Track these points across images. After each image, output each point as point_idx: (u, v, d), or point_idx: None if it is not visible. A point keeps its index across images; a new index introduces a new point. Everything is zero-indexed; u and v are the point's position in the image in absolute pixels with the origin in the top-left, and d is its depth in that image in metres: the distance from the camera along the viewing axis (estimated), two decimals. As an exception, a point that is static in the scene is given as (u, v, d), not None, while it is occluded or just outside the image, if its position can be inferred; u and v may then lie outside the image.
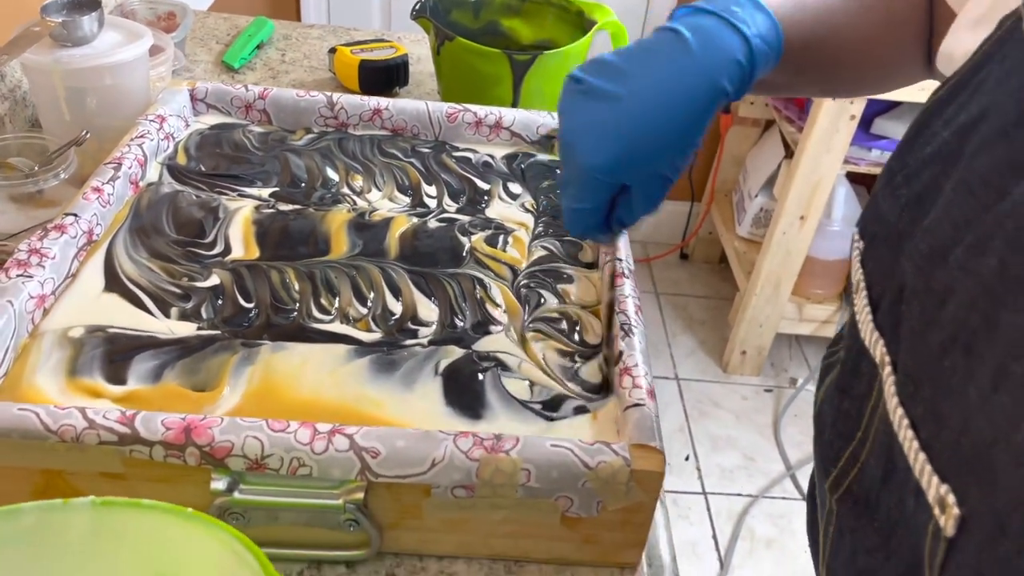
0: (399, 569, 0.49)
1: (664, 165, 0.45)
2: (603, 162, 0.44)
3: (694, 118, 0.44)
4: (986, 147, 0.33)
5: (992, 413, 0.30)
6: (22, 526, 0.36)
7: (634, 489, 0.46)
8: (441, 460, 0.45)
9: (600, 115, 0.44)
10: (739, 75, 0.44)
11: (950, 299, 0.33)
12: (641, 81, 0.43)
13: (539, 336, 0.57)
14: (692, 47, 0.43)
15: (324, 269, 0.60)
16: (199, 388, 0.51)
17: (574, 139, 0.45)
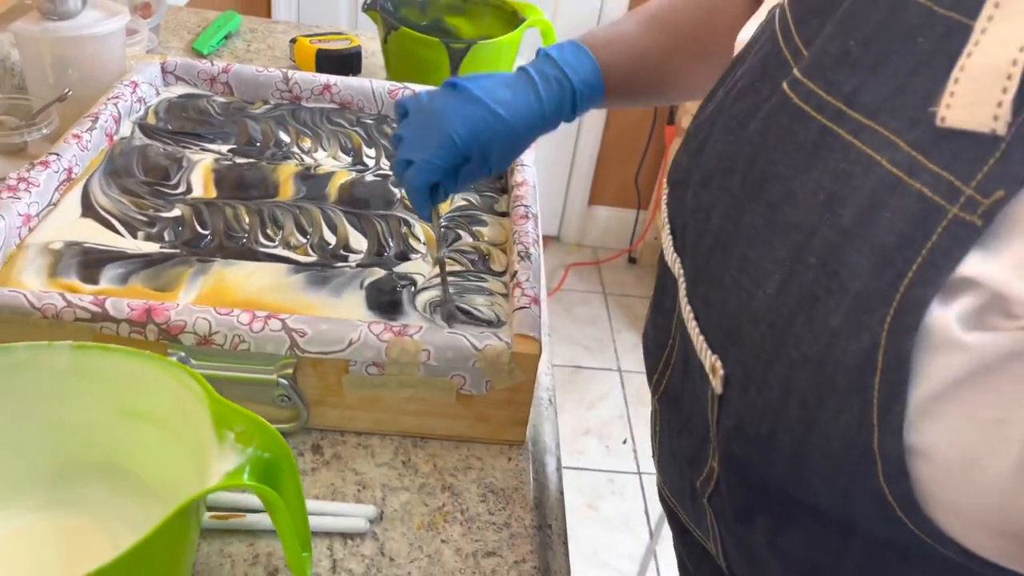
0: (323, 441, 0.59)
1: (493, 160, 0.61)
2: (463, 133, 0.59)
3: (529, 130, 0.61)
4: (740, 96, 0.43)
5: (738, 291, 0.38)
6: (15, 360, 0.46)
7: (515, 370, 0.57)
8: (357, 340, 0.55)
9: (484, 116, 0.60)
10: (568, 106, 0.62)
11: (713, 213, 0.42)
12: (516, 112, 0.60)
13: (451, 262, 0.68)
14: (537, 86, 0.61)
15: (272, 208, 0.71)
16: (159, 291, 0.61)
17: (447, 115, 0.59)
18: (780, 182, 0.37)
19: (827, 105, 0.36)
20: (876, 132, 0.34)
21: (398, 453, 0.59)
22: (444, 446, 0.60)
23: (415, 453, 0.59)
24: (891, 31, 0.34)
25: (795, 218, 0.36)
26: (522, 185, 0.76)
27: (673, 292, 0.48)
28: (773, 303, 0.36)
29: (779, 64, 0.41)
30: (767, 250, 0.37)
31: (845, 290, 0.34)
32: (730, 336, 0.39)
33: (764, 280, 0.37)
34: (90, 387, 0.47)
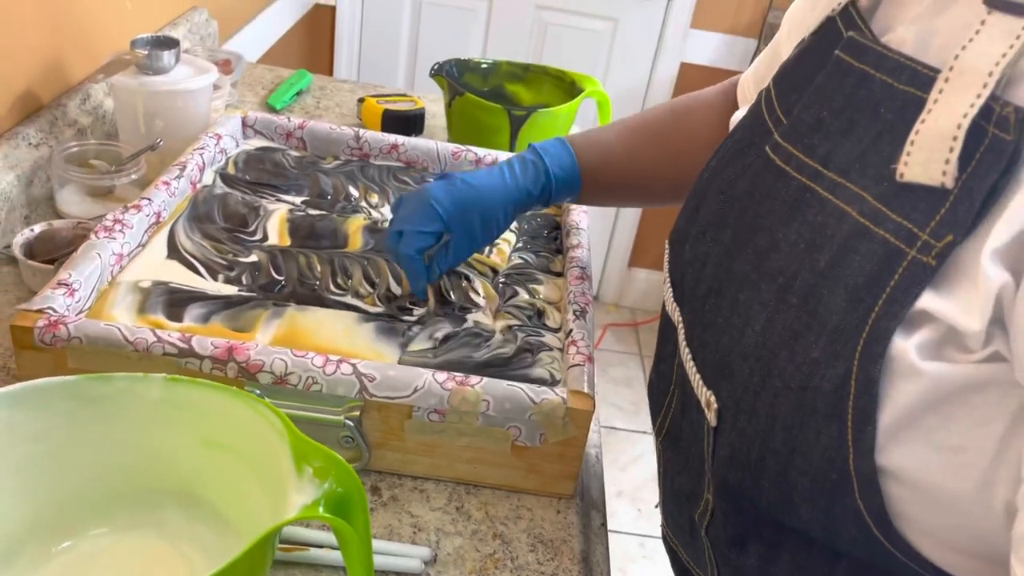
0: (382, 483, 0.62)
1: (478, 233, 0.69)
2: (445, 201, 0.67)
3: (504, 211, 0.69)
4: (730, 161, 0.50)
5: (730, 330, 0.44)
6: (113, 388, 0.50)
7: (569, 424, 0.59)
8: (422, 387, 0.58)
9: (459, 187, 0.68)
10: (541, 187, 0.70)
11: (707, 263, 0.48)
12: (486, 183, 0.69)
13: (509, 316, 0.71)
14: (516, 172, 0.70)
15: (342, 258, 0.75)
16: (238, 331, 0.65)
17: (430, 190, 0.68)
18: (766, 233, 0.43)
19: (805, 166, 0.42)
20: (847, 188, 0.40)
21: (452, 499, 0.61)
22: (496, 495, 0.62)
23: (468, 500, 0.61)
24: (858, 103, 0.41)
25: (779, 264, 0.42)
26: (577, 247, 0.79)
27: (674, 339, 0.52)
28: (760, 339, 0.41)
29: (763, 132, 0.48)
30: (755, 292, 0.42)
31: (823, 325, 0.39)
32: (723, 372, 0.44)
33: (752, 319, 0.42)
34: (178, 417, 0.51)
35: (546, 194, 0.71)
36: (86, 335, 0.57)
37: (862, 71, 0.41)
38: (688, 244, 0.51)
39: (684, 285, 0.51)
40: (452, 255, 0.69)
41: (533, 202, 0.71)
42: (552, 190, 0.70)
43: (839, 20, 0.46)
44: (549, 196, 0.71)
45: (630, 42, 2.12)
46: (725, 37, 2.08)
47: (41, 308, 0.59)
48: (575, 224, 0.83)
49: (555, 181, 0.70)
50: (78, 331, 0.57)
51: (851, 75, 0.42)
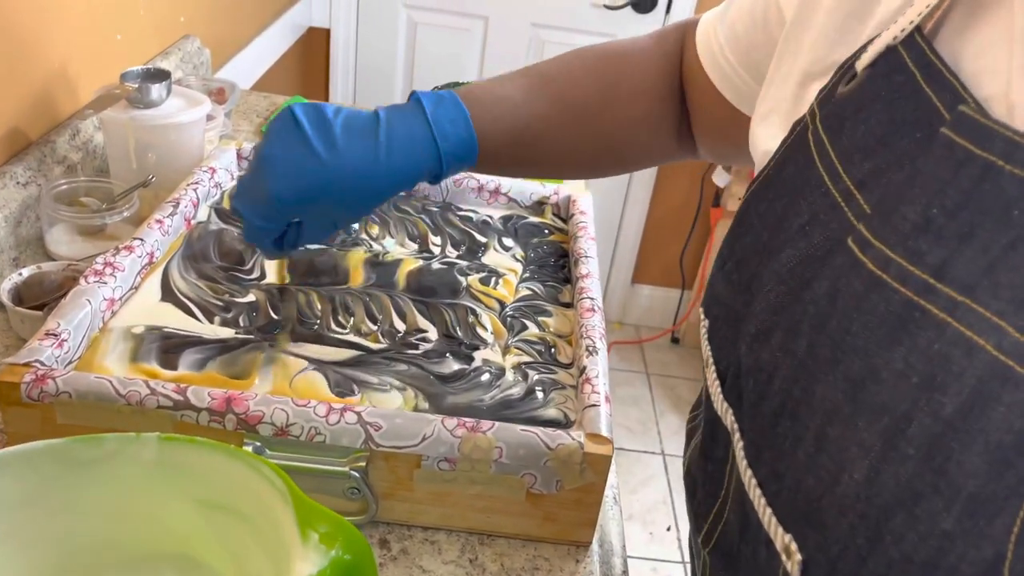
0: (390, 536, 0.59)
1: (339, 218, 0.57)
2: (288, 198, 0.53)
3: (371, 198, 0.56)
4: (790, 242, 0.40)
5: (817, 471, 0.35)
6: (104, 451, 0.47)
7: (587, 470, 0.56)
8: (431, 435, 0.55)
9: (303, 163, 0.52)
10: (428, 170, 0.56)
11: (776, 375, 0.38)
12: (346, 159, 0.53)
13: (519, 351, 0.68)
14: (394, 151, 0.53)
15: (343, 294, 0.72)
16: (235, 378, 0.62)
17: (271, 167, 0.53)
18: (859, 356, 0.34)
19: (911, 277, 0.33)
20: (974, 311, 0.31)
21: (465, 551, 0.58)
22: (511, 544, 0.59)
23: (482, 551, 0.58)
24: (981, 201, 0.32)
25: (882, 399, 0.33)
26: (587, 277, 0.76)
27: (725, 442, 0.44)
28: (864, 492, 0.33)
29: (831, 208, 0.38)
30: (850, 430, 0.34)
31: (956, 489, 0.30)
32: (808, 519, 0.36)
33: (850, 464, 0.34)
34: (174, 479, 0.48)
35: (431, 177, 0.57)
36: (75, 389, 0.54)
37: (985, 161, 0.32)
38: (743, 340, 0.42)
39: (741, 389, 0.42)
40: (308, 240, 0.60)
41: (414, 184, 0.57)
42: (441, 172, 0.57)
43: (905, 53, 0.37)
44: (437, 178, 0.58)
45: (627, 58, 2.10)
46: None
47: (28, 361, 0.56)
48: (583, 252, 0.80)
49: (445, 163, 0.56)
50: (67, 385, 0.54)
51: (969, 165, 0.32)
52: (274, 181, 0.53)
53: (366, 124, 0.53)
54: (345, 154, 0.52)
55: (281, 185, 0.53)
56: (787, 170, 0.43)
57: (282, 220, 0.56)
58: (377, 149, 0.53)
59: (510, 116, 0.58)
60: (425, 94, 0.56)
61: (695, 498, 0.50)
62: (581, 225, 0.86)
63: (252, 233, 0.58)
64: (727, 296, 0.45)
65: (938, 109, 0.35)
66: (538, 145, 0.60)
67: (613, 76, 0.61)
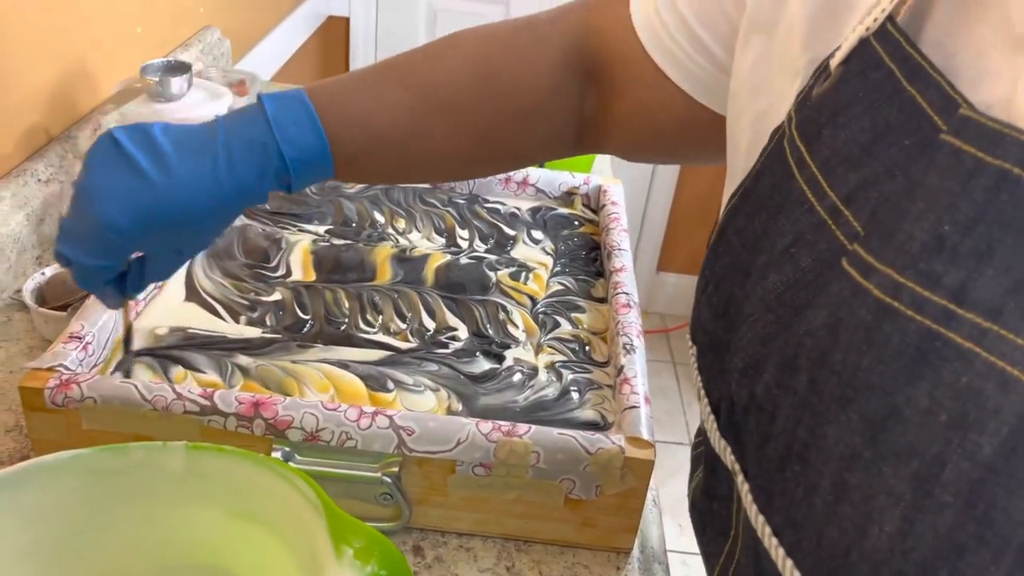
0: (424, 542, 0.57)
1: (184, 246, 0.51)
2: (124, 226, 0.46)
3: (217, 218, 0.49)
4: (774, 266, 0.35)
5: (840, 522, 0.32)
6: (131, 460, 0.45)
7: (628, 475, 0.54)
8: (465, 440, 0.53)
9: (132, 186, 0.46)
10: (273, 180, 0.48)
11: (777, 414, 0.34)
12: (179, 178, 0.46)
13: (552, 350, 0.66)
14: (234, 162, 0.47)
15: (370, 292, 0.70)
16: (263, 383, 0.60)
17: (97, 195, 0.46)
18: (875, 394, 0.31)
19: (927, 303, 0.30)
20: (1003, 339, 0.28)
21: (501, 558, 0.56)
22: (549, 551, 0.57)
23: (519, 558, 0.56)
24: (998, 213, 0.29)
25: (908, 440, 0.30)
26: (621, 271, 0.74)
27: (728, 481, 0.41)
28: (898, 546, 0.30)
29: (816, 227, 0.34)
30: (875, 477, 0.31)
31: (1005, 540, 0.28)
32: (834, 574, 0.33)
33: (878, 515, 0.30)
34: (202, 489, 0.46)
35: (281, 186, 0.49)
36: (100, 395, 0.53)
37: (999, 170, 0.29)
38: (730, 373, 0.38)
39: (738, 427, 0.38)
40: (154, 276, 0.53)
41: (264, 196, 0.50)
42: (290, 182, 0.49)
43: (879, 47, 0.33)
44: (288, 187, 0.49)
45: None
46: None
47: (52, 366, 0.54)
48: (616, 245, 0.78)
49: (293, 172, 0.48)
50: (92, 390, 0.53)
51: (981, 174, 0.29)
52: (103, 211, 0.46)
53: (201, 137, 0.47)
54: (178, 173, 0.46)
55: (111, 213, 0.46)
56: (763, 182, 0.38)
57: (119, 255, 0.49)
58: (215, 163, 0.46)
59: (368, 115, 0.50)
60: (269, 95, 0.48)
61: (704, 535, 0.47)
62: (613, 216, 0.83)
63: (85, 277, 0.50)
64: (709, 322, 0.41)
65: (925, 112, 0.31)
66: (405, 147, 0.52)
67: (496, 64, 0.52)
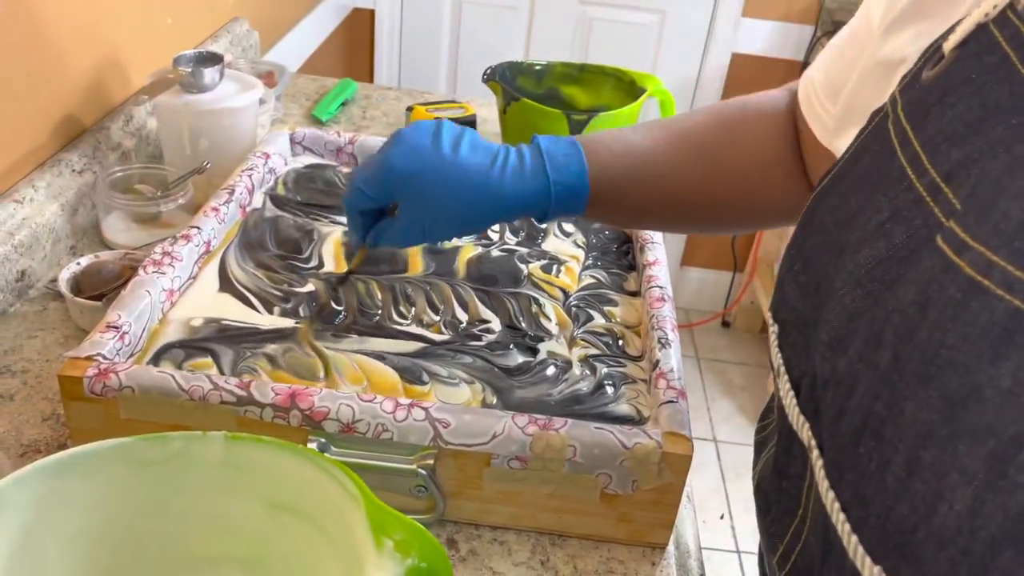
0: (458, 535, 0.57)
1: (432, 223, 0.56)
2: (399, 168, 0.55)
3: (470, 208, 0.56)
4: (867, 242, 0.36)
5: (911, 499, 0.32)
6: (170, 450, 0.45)
7: (665, 470, 0.53)
8: (501, 433, 0.53)
9: (423, 146, 0.55)
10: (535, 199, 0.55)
11: (856, 388, 0.35)
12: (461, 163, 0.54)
13: (585, 343, 0.66)
14: (506, 171, 0.55)
15: (403, 283, 0.70)
16: (299, 372, 0.60)
17: (395, 142, 0.55)
18: (957, 372, 0.31)
19: (1018, 283, 0.30)
20: None
21: (536, 551, 0.56)
22: (583, 546, 0.57)
23: (553, 552, 0.56)
24: None
25: (987, 420, 0.30)
26: (654, 264, 0.73)
27: (802, 458, 0.41)
28: (967, 525, 0.30)
29: (915, 203, 0.34)
30: (949, 454, 0.31)
31: None
32: (902, 551, 0.32)
33: (949, 492, 0.30)
34: (241, 479, 0.46)
35: (538, 211, 0.56)
36: (138, 384, 0.53)
37: None
38: (815, 348, 0.38)
39: (817, 401, 0.38)
40: (393, 236, 0.58)
41: (519, 214, 0.57)
42: (549, 205, 0.56)
43: (997, 32, 0.34)
44: (545, 213, 0.57)
45: (679, 34, 2.04)
46: (779, 25, 2.00)
47: (90, 355, 0.55)
48: (649, 238, 0.77)
49: (555, 194, 0.55)
50: (130, 380, 0.53)
51: None
52: (392, 151, 0.55)
53: (489, 147, 0.56)
54: (462, 159, 0.54)
55: (397, 156, 0.55)
56: (863, 162, 0.39)
57: (383, 193, 0.56)
58: (491, 167, 0.55)
59: (627, 154, 0.57)
60: (542, 137, 0.57)
61: (768, 516, 0.46)
62: (645, 209, 0.82)
63: (353, 198, 0.58)
64: (796, 300, 0.41)
65: None
66: (654, 184, 0.58)
67: (737, 119, 0.59)
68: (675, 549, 0.58)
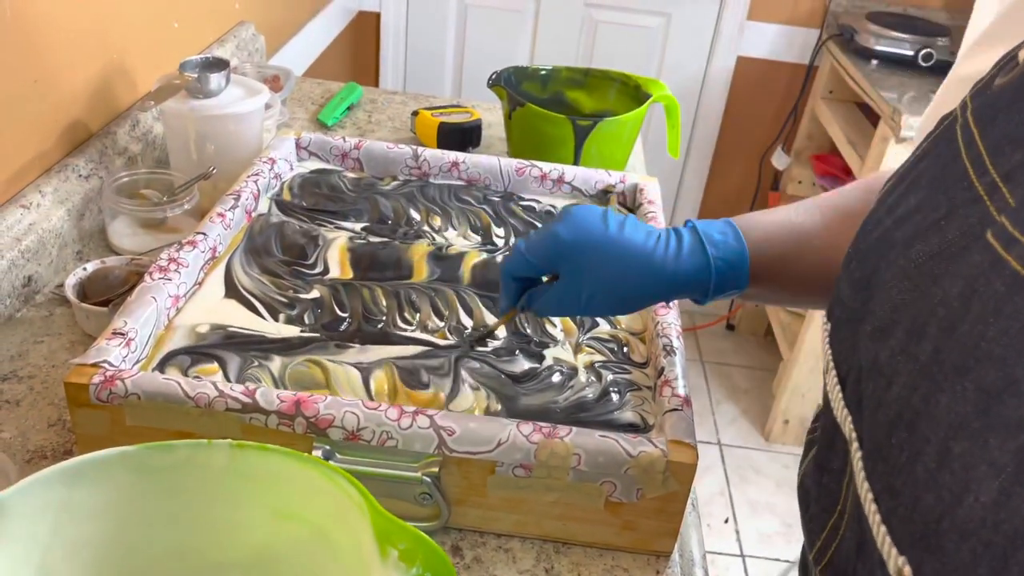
0: (462, 543, 0.57)
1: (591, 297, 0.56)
2: (564, 238, 0.56)
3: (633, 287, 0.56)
4: (920, 236, 0.37)
5: (938, 489, 0.32)
6: (176, 458, 0.45)
7: (670, 479, 0.53)
8: (506, 441, 0.53)
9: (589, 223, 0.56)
10: (696, 275, 0.55)
11: (895, 380, 0.35)
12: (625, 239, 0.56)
13: (590, 350, 0.66)
14: (669, 248, 0.56)
15: (407, 290, 0.70)
16: (305, 381, 0.60)
17: (563, 217, 0.57)
18: (995, 366, 0.31)
19: None
20: None
21: (540, 559, 0.56)
22: (588, 553, 0.57)
23: (558, 560, 0.56)
24: None
25: (1020, 414, 0.30)
26: (659, 271, 0.73)
27: (844, 452, 0.41)
28: (991, 517, 0.30)
29: (972, 202, 0.35)
30: (979, 447, 0.31)
31: None
32: (926, 542, 0.33)
33: (976, 484, 0.31)
34: (246, 487, 0.46)
35: (700, 287, 0.56)
36: (144, 391, 0.53)
37: None
38: (860, 340, 0.39)
39: (861, 395, 0.39)
40: (548, 302, 0.58)
41: (679, 293, 0.57)
42: (710, 283, 0.56)
43: None
44: (706, 291, 0.56)
45: (684, 37, 2.04)
46: (784, 28, 1.99)
47: (96, 362, 0.55)
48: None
49: (715, 271, 0.55)
50: (136, 387, 0.53)
51: None
52: (561, 224, 0.57)
53: (650, 229, 0.57)
54: (626, 236, 0.56)
55: (565, 228, 0.56)
56: (925, 162, 0.39)
57: (546, 262, 0.57)
58: (655, 246, 0.56)
59: (783, 228, 0.58)
60: (699, 224, 0.58)
61: (808, 512, 0.47)
62: (650, 215, 0.82)
63: (513, 264, 0.59)
64: (848, 295, 0.42)
65: None
66: (815, 258, 0.57)
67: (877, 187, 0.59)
68: (679, 557, 0.58)
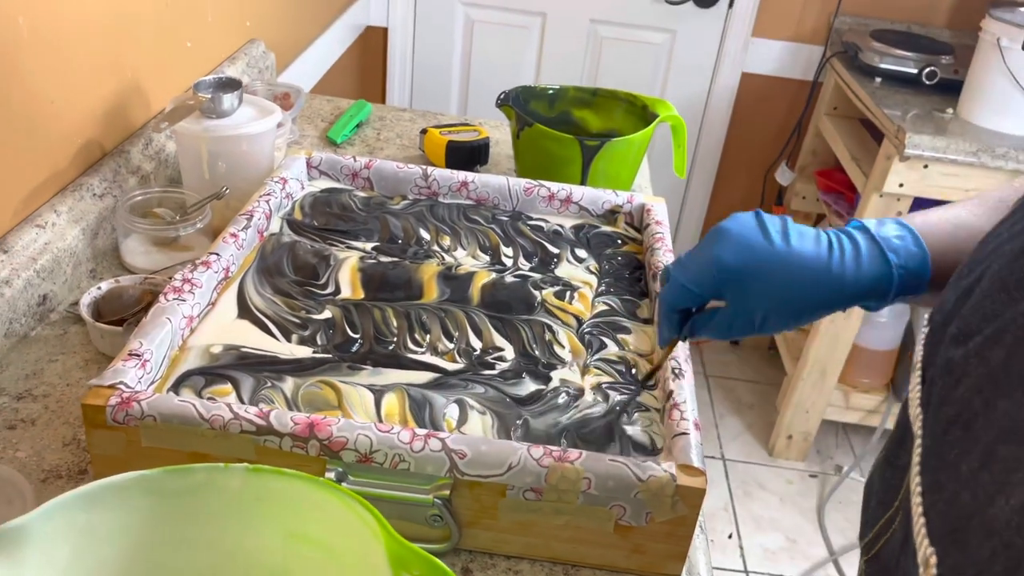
0: (472, 564, 0.57)
1: (764, 317, 0.53)
2: (728, 264, 0.51)
3: (809, 302, 0.52)
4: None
5: (975, 488, 0.33)
6: (193, 481, 0.46)
7: (679, 503, 0.54)
8: (517, 464, 0.53)
9: (753, 240, 0.51)
10: (873, 283, 0.52)
11: (963, 380, 0.36)
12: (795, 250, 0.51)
13: (598, 371, 0.66)
14: (846, 257, 0.51)
15: (418, 310, 0.71)
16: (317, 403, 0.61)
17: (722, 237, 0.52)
18: None
19: None
20: None
21: (550, 581, 0.56)
22: (597, 575, 0.57)
23: (567, 582, 0.56)
24: None
25: None
26: (667, 292, 0.74)
27: (910, 449, 0.41)
28: (1016, 519, 0.30)
29: None
30: (1022, 452, 0.32)
31: None
32: (953, 536, 0.34)
33: (1010, 487, 0.31)
34: (261, 510, 0.47)
35: (879, 295, 0.52)
36: (160, 413, 0.54)
37: None
38: (944, 343, 0.39)
39: (932, 394, 0.39)
40: (719, 328, 0.54)
41: (856, 302, 0.53)
42: (890, 290, 0.52)
43: None
44: (884, 298, 0.53)
45: (689, 54, 2.05)
46: (788, 45, 2.01)
47: (113, 383, 0.56)
48: (660, 265, 0.78)
49: (897, 277, 0.52)
50: (152, 408, 0.54)
51: None
52: (720, 246, 0.52)
53: (816, 234, 0.53)
54: (795, 247, 0.51)
55: (726, 252, 0.52)
56: None
57: (709, 288, 0.53)
58: (829, 254, 0.51)
59: (959, 227, 0.54)
60: (871, 225, 0.54)
61: (868, 506, 0.47)
62: (658, 236, 0.83)
63: (672, 295, 0.55)
64: (951, 301, 0.42)
65: None
66: None
67: None
68: (688, 580, 0.58)
